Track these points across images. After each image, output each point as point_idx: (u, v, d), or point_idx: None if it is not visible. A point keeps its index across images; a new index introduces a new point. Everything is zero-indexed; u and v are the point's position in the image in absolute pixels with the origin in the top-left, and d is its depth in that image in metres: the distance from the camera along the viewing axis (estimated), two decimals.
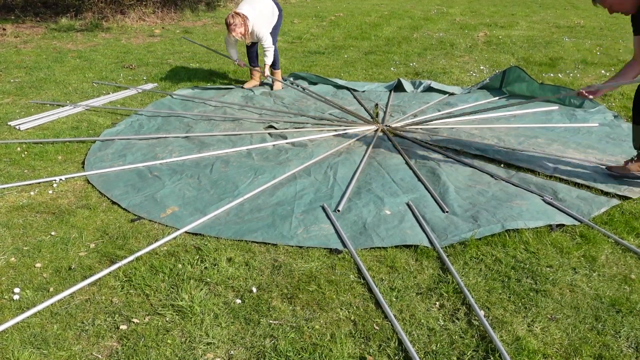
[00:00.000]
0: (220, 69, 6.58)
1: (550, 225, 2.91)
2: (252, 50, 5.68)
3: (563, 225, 2.94)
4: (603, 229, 2.88)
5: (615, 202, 3.15)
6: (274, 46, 5.38)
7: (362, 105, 5.10)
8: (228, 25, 5.14)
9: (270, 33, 5.38)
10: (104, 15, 9.72)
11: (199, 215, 3.07)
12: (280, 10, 5.55)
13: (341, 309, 2.31)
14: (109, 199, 3.30)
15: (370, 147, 4.04)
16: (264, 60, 5.36)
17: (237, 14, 5.13)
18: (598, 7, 3.09)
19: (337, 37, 8.81)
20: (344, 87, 5.72)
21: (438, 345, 2.10)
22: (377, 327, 2.20)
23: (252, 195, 3.31)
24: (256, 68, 5.72)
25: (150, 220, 3.04)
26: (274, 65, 5.63)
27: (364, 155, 3.86)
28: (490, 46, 7.86)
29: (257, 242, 2.81)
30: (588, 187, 3.35)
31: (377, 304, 2.34)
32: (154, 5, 10.33)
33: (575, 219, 2.97)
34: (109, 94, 5.52)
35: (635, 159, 3.33)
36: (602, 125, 4.47)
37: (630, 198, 3.20)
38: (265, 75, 5.43)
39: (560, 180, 3.45)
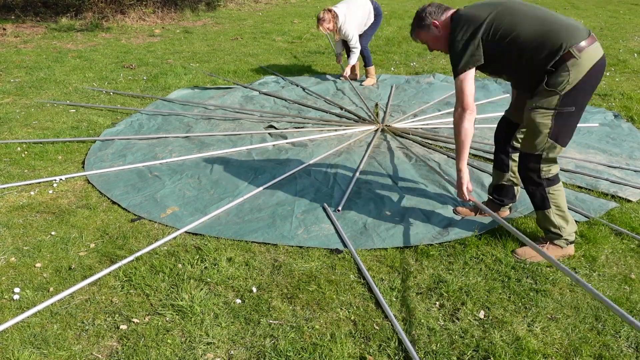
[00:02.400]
0: (220, 69, 6.58)
1: None
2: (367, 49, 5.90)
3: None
4: (602, 229, 2.87)
5: (614, 204, 3.14)
6: (359, 47, 5.62)
7: (363, 103, 5.10)
8: (318, 19, 5.41)
9: (361, 35, 5.64)
10: (104, 15, 9.72)
11: (199, 215, 3.07)
12: (379, 14, 5.76)
13: (341, 309, 2.31)
14: (109, 198, 3.30)
15: (370, 147, 4.04)
16: (347, 61, 5.74)
17: (330, 10, 5.42)
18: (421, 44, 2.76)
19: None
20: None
21: (438, 345, 2.10)
22: (377, 327, 2.20)
23: (252, 195, 3.31)
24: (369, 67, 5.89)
25: (150, 220, 3.04)
26: (367, 62, 5.83)
27: (364, 155, 3.86)
28: None
29: (257, 242, 2.81)
30: (588, 189, 3.35)
31: (377, 304, 2.34)
32: (154, 5, 10.33)
33: (577, 211, 2.97)
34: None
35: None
36: (602, 125, 4.47)
37: (630, 201, 3.20)
38: (344, 74, 5.75)
39: None
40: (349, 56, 5.73)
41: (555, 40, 2.31)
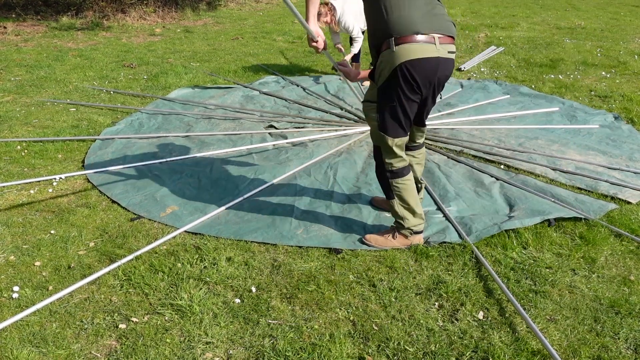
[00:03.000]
0: (221, 68, 6.58)
1: (548, 220, 2.91)
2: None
3: (562, 218, 2.94)
4: (602, 230, 2.88)
5: (614, 206, 3.14)
6: (362, 37, 5.64)
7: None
8: None
9: (361, 27, 5.67)
10: (104, 14, 9.72)
11: (198, 214, 3.07)
12: None
13: (340, 309, 2.31)
14: (108, 197, 3.30)
15: (371, 147, 4.03)
16: (350, 49, 5.74)
17: (326, 4, 5.43)
18: None
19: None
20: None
21: (437, 346, 2.10)
22: (376, 327, 2.20)
23: (252, 195, 3.31)
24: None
25: (149, 220, 3.04)
26: (355, 58, 5.84)
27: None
28: (491, 47, 7.86)
29: (256, 242, 2.81)
30: (588, 191, 3.35)
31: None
32: (154, 4, 10.33)
33: (576, 212, 2.97)
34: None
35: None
36: (602, 126, 4.47)
37: (630, 202, 3.20)
38: (344, 58, 5.68)
39: (560, 184, 3.45)
40: (352, 45, 5.74)
41: (393, 25, 2.25)
